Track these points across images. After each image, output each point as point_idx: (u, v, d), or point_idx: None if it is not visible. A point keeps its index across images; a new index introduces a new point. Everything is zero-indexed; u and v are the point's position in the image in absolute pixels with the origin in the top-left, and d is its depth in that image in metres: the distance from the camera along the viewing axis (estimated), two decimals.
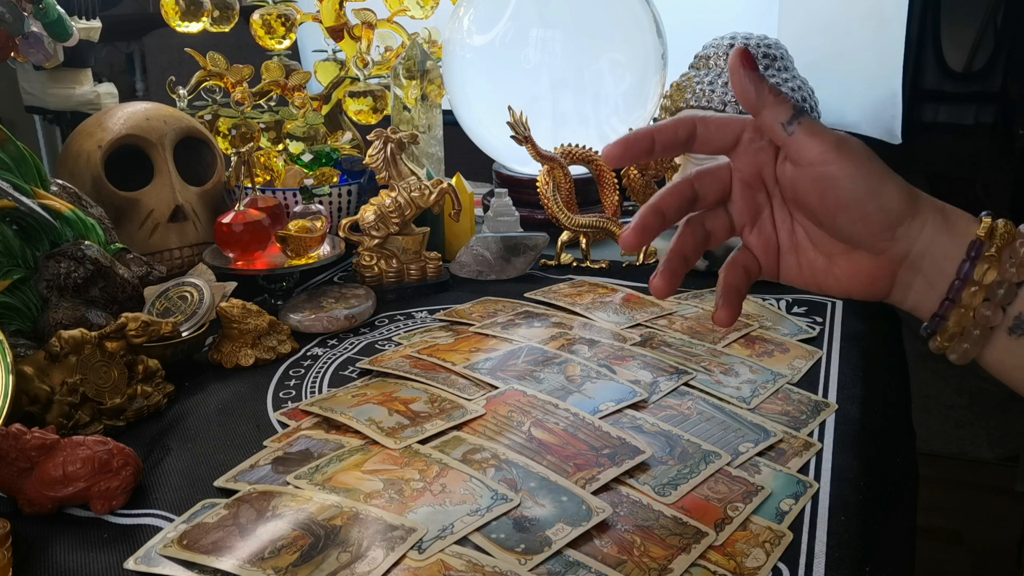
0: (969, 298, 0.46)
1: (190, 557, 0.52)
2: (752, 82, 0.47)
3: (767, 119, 0.48)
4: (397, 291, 0.97)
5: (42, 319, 0.76)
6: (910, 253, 0.47)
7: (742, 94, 0.48)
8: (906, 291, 0.49)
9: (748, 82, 0.47)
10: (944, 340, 0.48)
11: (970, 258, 0.46)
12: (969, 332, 0.46)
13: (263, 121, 1.18)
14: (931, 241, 0.47)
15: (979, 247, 0.46)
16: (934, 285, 0.47)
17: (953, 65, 1.41)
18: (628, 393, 0.71)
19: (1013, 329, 0.46)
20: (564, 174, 1.05)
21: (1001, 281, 0.45)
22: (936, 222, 0.47)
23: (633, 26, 1.14)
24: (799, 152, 0.47)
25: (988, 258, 0.45)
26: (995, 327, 0.46)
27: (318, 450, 0.64)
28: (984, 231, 0.46)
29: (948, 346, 0.47)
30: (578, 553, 0.52)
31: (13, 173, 0.78)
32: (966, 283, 0.46)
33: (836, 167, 0.46)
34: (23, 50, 0.97)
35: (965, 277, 0.46)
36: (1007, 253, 0.45)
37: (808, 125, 0.47)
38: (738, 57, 0.47)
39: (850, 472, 0.62)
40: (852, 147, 0.46)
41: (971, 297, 0.46)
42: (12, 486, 0.58)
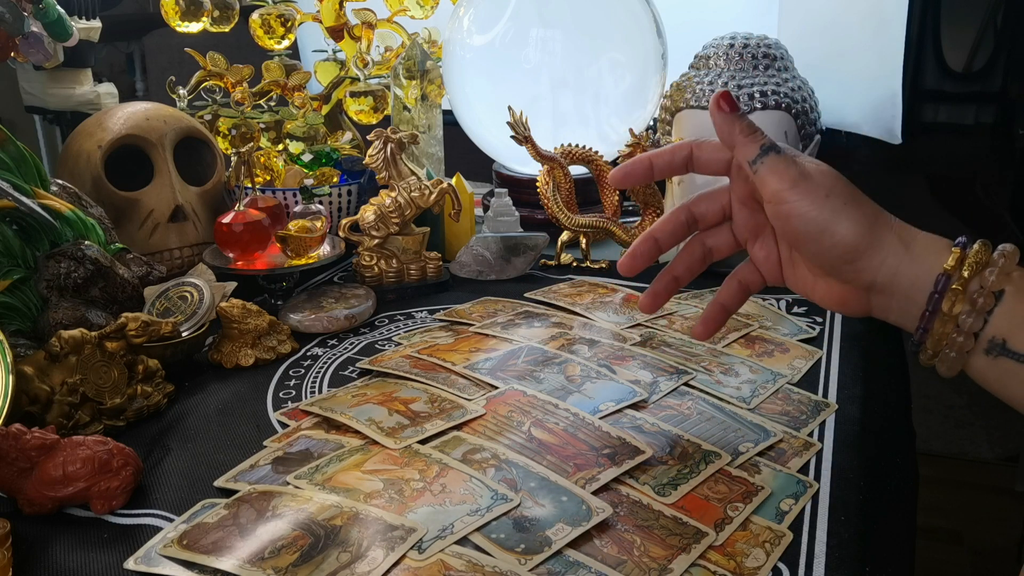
0: (941, 326, 0.48)
1: (190, 557, 0.52)
2: (724, 122, 0.51)
3: (738, 157, 0.51)
4: (397, 291, 0.97)
5: (42, 319, 0.76)
6: (875, 282, 0.49)
7: (719, 134, 0.52)
8: (886, 312, 0.51)
9: (721, 122, 0.51)
10: (927, 359, 0.50)
11: (937, 290, 0.47)
12: (946, 355, 0.48)
13: (263, 121, 1.18)
14: (895, 272, 0.49)
15: (945, 280, 0.47)
16: (908, 310, 0.49)
17: (953, 65, 1.41)
18: (628, 393, 0.71)
19: (989, 351, 0.47)
20: (564, 174, 1.05)
21: (969, 310, 0.46)
22: (897, 254, 0.48)
23: (633, 26, 1.14)
24: (762, 189, 0.51)
25: (954, 291, 0.47)
26: (970, 351, 0.47)
27: (318, 450, 0.64)
28: (952, 263, 0.47)
29: (933, 363, 0.50)
30: (578, 553, 0.52)
31: (13, 173, 0.78)
32: (935, 314, 0.48)
33: (789, 206, 0.49)
34: (23, 50, 0.97)
35: (934, 309, 0.48)
36: (976, 283, 0.47)
37: (770, 163, 0.50)
38: (716, 100, 0.52)
39: (850, 472, 0.62)
40: (810, 184, 0.49)
41: (942, 325, 0.47)
42: (12, 486, 0.58)
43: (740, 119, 0.51)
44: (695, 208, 0.55)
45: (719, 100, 0.52)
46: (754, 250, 0.56)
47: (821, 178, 0.49)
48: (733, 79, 1.04)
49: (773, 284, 0.57)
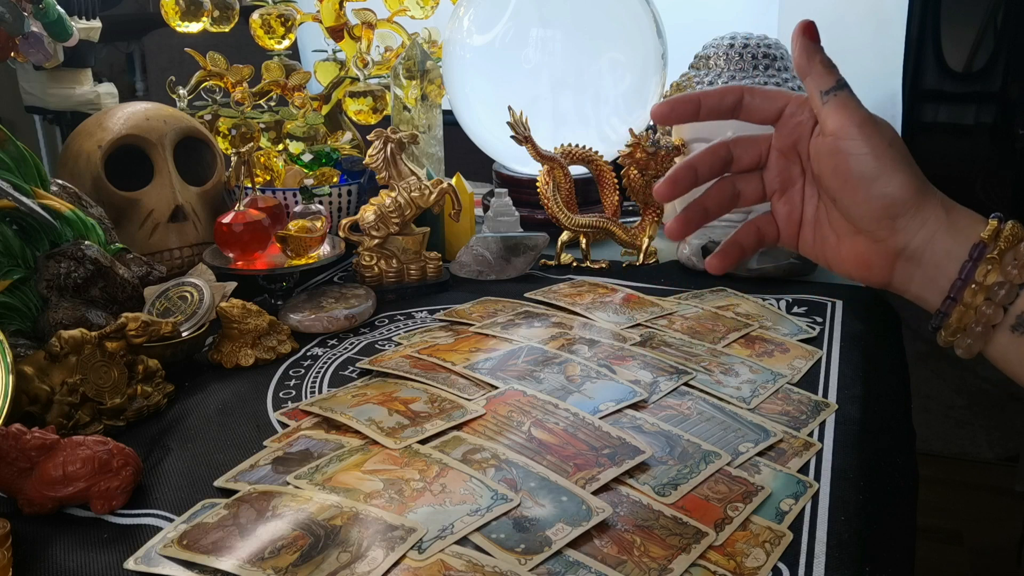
0: (971, 297, 0.47)
1: (190, 557, 0.52)
2: (805, 50, 0.50)
3: (810, 86, 0.50)
4: (397, 291, 0.97)
5: (42, 319, 0.76)
6: (908, 246, 0.49)
7: (796, 59, 0.51)
8: (907, 283, 0.50)
9: (802, 50, 0.50)
10: (949, 335, 0.49)
11: (972, 259, 0.47)
12: (972, 329, 0.48)
13: (263, 121, 1.18)
14: (930, 239, 0.48)
15: (982, 249, 0.47)
16: (935, 281, 0.49)
17: (953, 65, 1.41)
18: (628, 393, 0.71)
19: (1016, 327, 0.47)
20: (564, 174, 1.05)
21: (1003, 282, 0.46)
22: (938, 220, 0.48)
23: (633, 26, 1.14)
24: (825, 121, 0.49)
25: (990, 260, 0.46)
26: (997, 325, 0.47)
27: (318, 450, 0.64)
28: (989, 233, 0.47)
29: (953, 340, 0.49)
30: (578, 553, 0.52)
31: (13, 173, 0.78)
32: (967, 283, 0.47)
33: (851, 143, 0.48)
34: (23, 50, 0.97)
35: (967, 277, 0.47)
36: (1010, 255, 0.46)
37: (843, 98, 0.49)
38: (801, 27, 0.50)
39: (850, 472, 0.62)
40: (876, 129, 0.48)
41: (972, 296, 0.47)
42: (12, 486, 0.58)
43: (821, 50, 0.50)
44: (734, 147, 0.54)
45: (805, 28, 0.50)
46: (778, 204, 0.56)
47: (886, 128, 0.49)
48: (733, 79, 1.04)
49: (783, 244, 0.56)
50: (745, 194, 0.56)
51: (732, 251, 0.55)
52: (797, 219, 0.55)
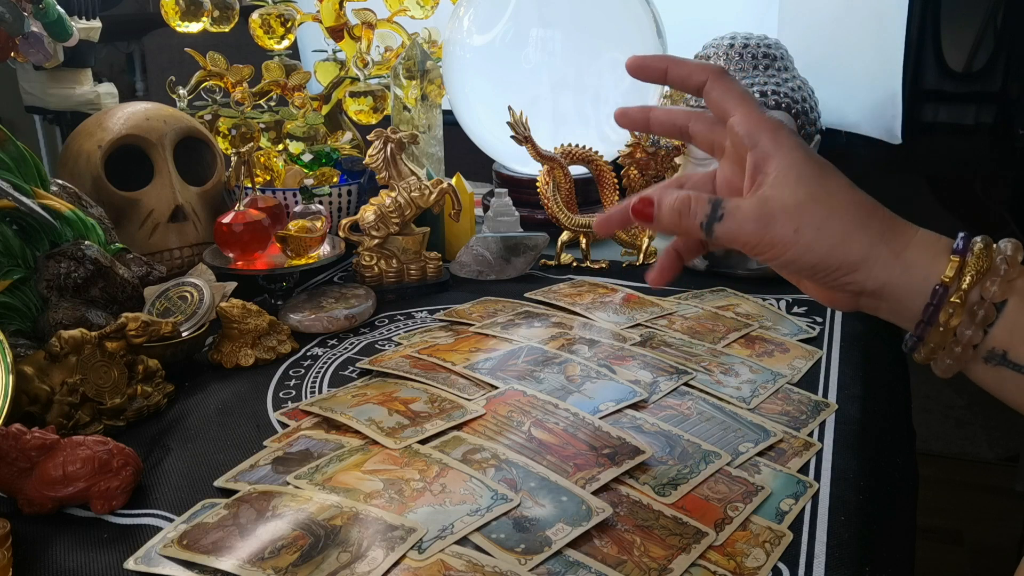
0: (936, 337, 0.44)
1: (190, 557, 0.52)
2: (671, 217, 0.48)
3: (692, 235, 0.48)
4: (397, 291, 0.97)
5: (42, 319, 0.76)
6: (864, 291, 0.46)
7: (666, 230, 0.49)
8: (875, 311, 0.48)
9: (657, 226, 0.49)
10: (921, 360, 0.47)
11: (934, 302, 0.44)
12: (942, 360, 0.45)
13: (263, 121, 1.18)
14: (884, 282, 0.45)
15: (943, 292, 0.43)
16: (901, 313, 0.46)
17: (953, 65, 1.41)
18: (628, 393, 0.71)
19: (988, 359, 0.44)
20: (564, 174, 1.05)
21: (968, 323, 0.43)
22: (886, 264, 0.45)
23: (633, 26, 1.14)
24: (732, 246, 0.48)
25: (952, 304, 0.43)
26: (968, 360, 0.45)
27: (318, 450, 0.64)
28: (951, 273, 0.43)
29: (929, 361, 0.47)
30: (578, 553, 0.52)
31: (13, 173, 0.78)
32: (932, 325, 0.44)
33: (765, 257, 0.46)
34: (23, 50, 0.97)
35: (930, 320, 0.44)
36: (976, 293, 0.43)
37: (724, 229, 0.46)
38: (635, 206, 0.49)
39: (850, 472, 0.62)
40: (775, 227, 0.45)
41: (938, 336, 0.44)
42: (12, 486, 0.58)
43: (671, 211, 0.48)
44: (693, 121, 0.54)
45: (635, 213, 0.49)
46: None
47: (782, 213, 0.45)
48: None
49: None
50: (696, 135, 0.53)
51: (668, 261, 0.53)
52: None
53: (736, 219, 0.46)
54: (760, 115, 0.48)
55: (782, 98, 1.03)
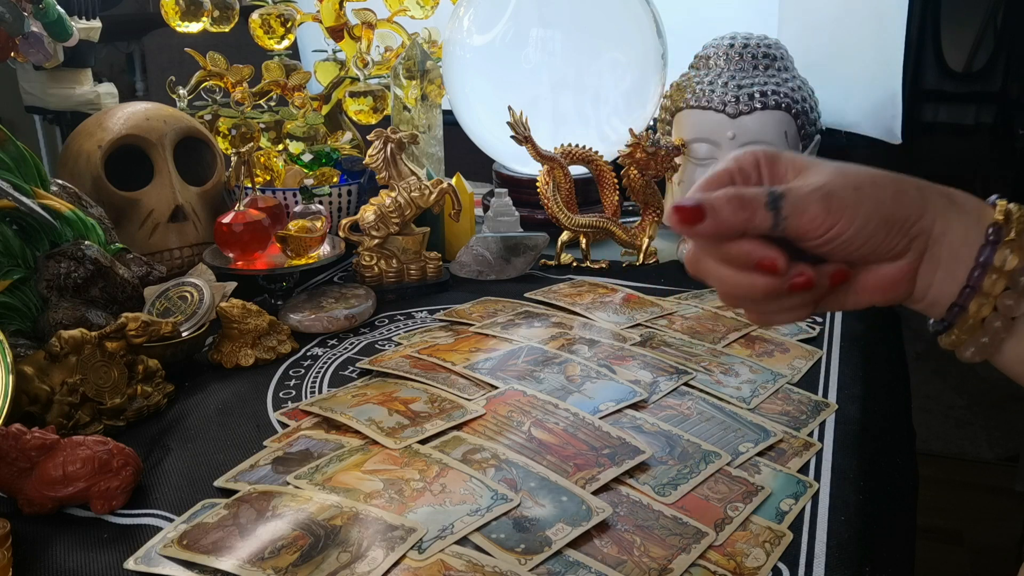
0: (990, 286, 0.43)
1: (190, 557, 0.52)
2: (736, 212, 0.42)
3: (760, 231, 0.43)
4: (397, 291, 0.97)
5: (42, 319, 0.76)
6: (927, 245, 0.44)
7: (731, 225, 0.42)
8: (926, 289, 0.45)
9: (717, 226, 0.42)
10: (962, 333, 0.45)
11: (989, 243, 0.42)
12: (989, 324, 0.44)
13: (263, 121, 1.18)
14: (944, 229, 0.43)
15: (998, 231, 0.42)
16: (954, 274, 0.44)
17: (953, 65, 1.41)
18: (628, 393, 0.71)
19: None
20: (564, 174, 1.05)
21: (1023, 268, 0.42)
22: (944, 208, 0.43)
23: (633, 26, 1.14)
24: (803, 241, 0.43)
25: (1009, 243, 0.42)
26: (1016, 318, 0.43)
27: (318, 450, 0.64)
28: (1001, 214, 0.43)
29: (965, 340, 0.45)
30: (578, 553, 0.52)
31: (13, 173, 0.78)
32: (987, 270, 0.43)
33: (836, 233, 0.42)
34: (23, 50, 0.97)
35: (985, 263, 0.43)
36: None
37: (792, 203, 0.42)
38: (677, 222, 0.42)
39: (850, 472, 0.62)
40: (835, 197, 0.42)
41: (992, 285, 0.43)
42: (12, 486, 0.58)
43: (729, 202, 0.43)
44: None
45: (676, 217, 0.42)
46: None
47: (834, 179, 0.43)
48: (733, 79, 1.04)
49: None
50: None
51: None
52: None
53: (799, 195, 0.42)
54: None
55: (782, 98, 1.03)
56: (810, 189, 0.43)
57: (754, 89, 1.03)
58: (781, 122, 1.03)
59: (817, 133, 1.09)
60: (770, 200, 0.42)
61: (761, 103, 1.02)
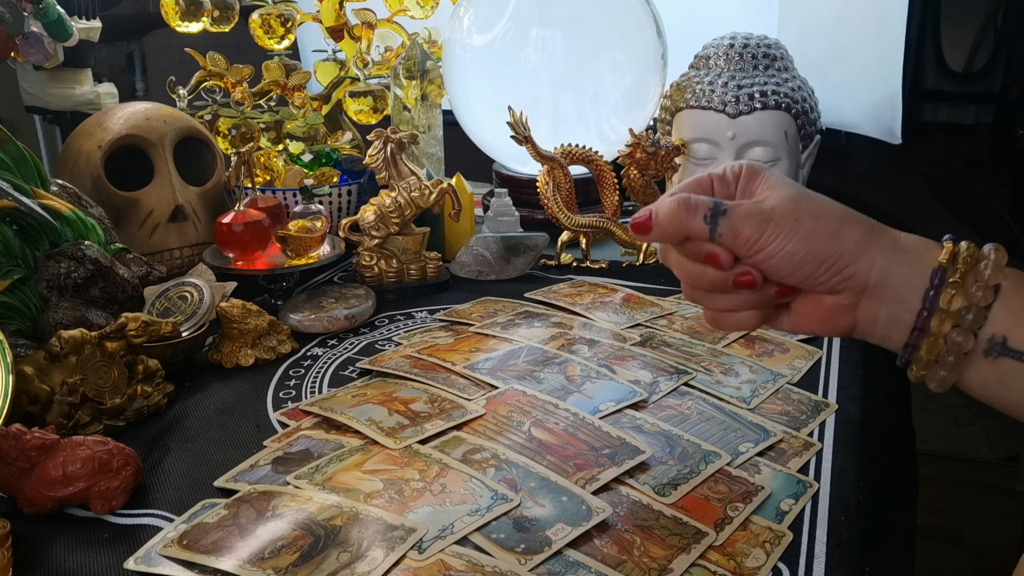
0: (938, 326, 0.45)
1: (190, 557, 0.52)
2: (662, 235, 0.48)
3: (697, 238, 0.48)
4: (397, 291, 0.97)
5: (42, 319, 0.76)
6: (868, 285, 0.47)
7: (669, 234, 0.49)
8: (872, 325, 0.48)
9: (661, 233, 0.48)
10: (920, 369, 0.47)
11: (934, 286, 0.45)
12: (944, 359, 0.45)
13: (263, 121, 1.18)
14: (887, 272, 0.46)
15: (942, 274, 0.45)
16: (900, 317, 0.47)
17: (953, 65, 1.41)
18: (628, 393, 0.71)
19: (988, 352, 0.45)
20: (564, 174, 1.05)
21: (969, 306, 0.44)
22: (886, 252, 0.46)
23: (633, 26, 1.14)
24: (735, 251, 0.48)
25: (953, 284, 0.44)
26: (969, 352, 0.45)
27: (318, 450, 0.64)
28: (946, 257, 0.45)
29: (925, 374, 0.47)
30: (578, 553, 0.52)
31: (13, 173, 0.78)
32: (933, 311, 0.45)
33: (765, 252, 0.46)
34: (23, 50, 0.97)
35: (931, 306, 0.45)
36: (971, 277, 0.44)
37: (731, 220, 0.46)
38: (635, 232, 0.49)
39: (850, 472, 0.62)
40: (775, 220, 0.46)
41: (940, 325, 0.45)
42: (12, 486, 0.58)
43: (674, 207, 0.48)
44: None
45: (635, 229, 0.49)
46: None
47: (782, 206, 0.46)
48: (733, 79, 1.04)
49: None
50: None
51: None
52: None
53: (739, 214, 0.47)
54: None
55: (782, 98, 1.03)
56: (752, 211, 0.47)
57: (754, 89, 1.03)
58: (781, 122, 1.03)
59: (817, 133, 1.09)
60: (711, 212, 0.47)
61: (761, 103, 1.02)
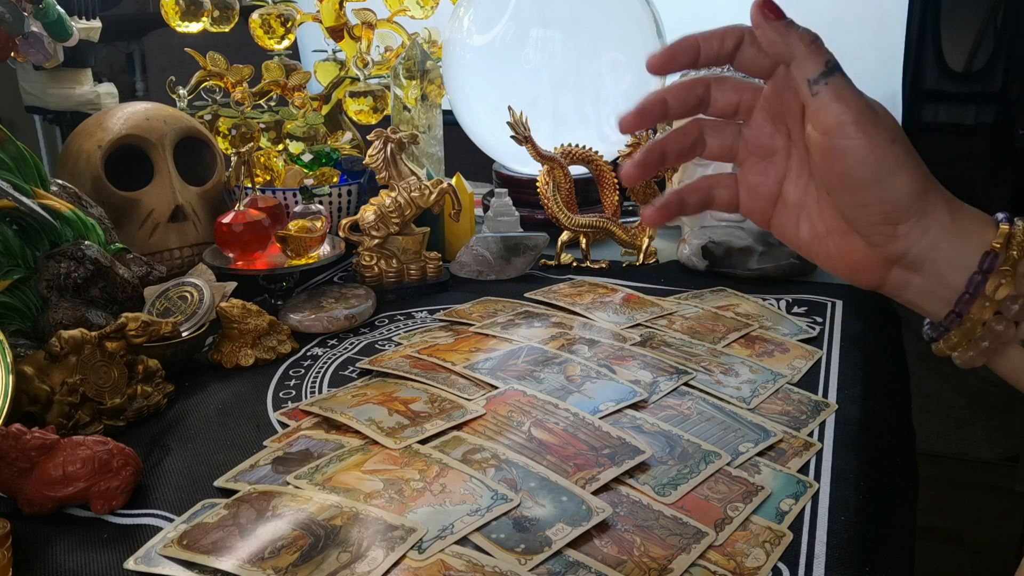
0: (979, 312, 0.42)
1: (190, 557, 0.52)
2: (778, 33, 0.43)
3: (794, 74, 0.43)
4: (397, 291, 0.97)
5: (42, 319, 0.76)
6: (907, 254, 0.43)
7: (770, 47, 0.43)
8: (902, 289, 0.45)
9: (774, 34, 0.43)
10: (948, 347, 0.44)
11: (982, 271, 0.41)
12: (977, 344, 0.43)
13: (263, 121, 1.18)
14: (934, 246, 0.42)
15: (993, 259, 0.41)
16: (935, 291, 0.43)
17: (953, 65, 1.41)
18: (628, 393, 0.71)
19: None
20: (564, 174, 1.05)
21: (1016, 296, 0.41)
22: (943, 226, 0.42)
23: (633, 26, 1.14)
24: (817, 116, 0.42)
25: (1002, 272, 0.41)
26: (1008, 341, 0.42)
27: (318, 450, 0.64)
28: (1000, 241, 0.41)
29: (953, 353, 0.44)
30: (578, 553, 0.52)
31: (13, 173, 0.78)
32: (976, 297, 0.42)
33: (848, 142, 0.42)
34: (23, 50, 0.97)
35: (975, 291, 0.42)
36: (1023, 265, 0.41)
37: (835, 87, 0.42)
38: (759, 9, 0.43)
39: (850, 472, 0.62)
40: (875, 122, 0.41)
41: (981, 311, 0.42)
42: (12, 486, 0.58)
43: (795, 25, 0.42)
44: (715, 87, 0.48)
45: (763, 9, 0.43)
46: (749, 172, 0.48)
47: (887, 120, 0.42)
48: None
49: (746, 216, 0.49)
50: (712, 146, 0.48)
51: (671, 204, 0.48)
52: (772, 195, 0.48)
53: (851, 85, 0.42)
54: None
55: None
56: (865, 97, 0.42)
57: None
58: None
59: None
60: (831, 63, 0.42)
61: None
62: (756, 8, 0.43)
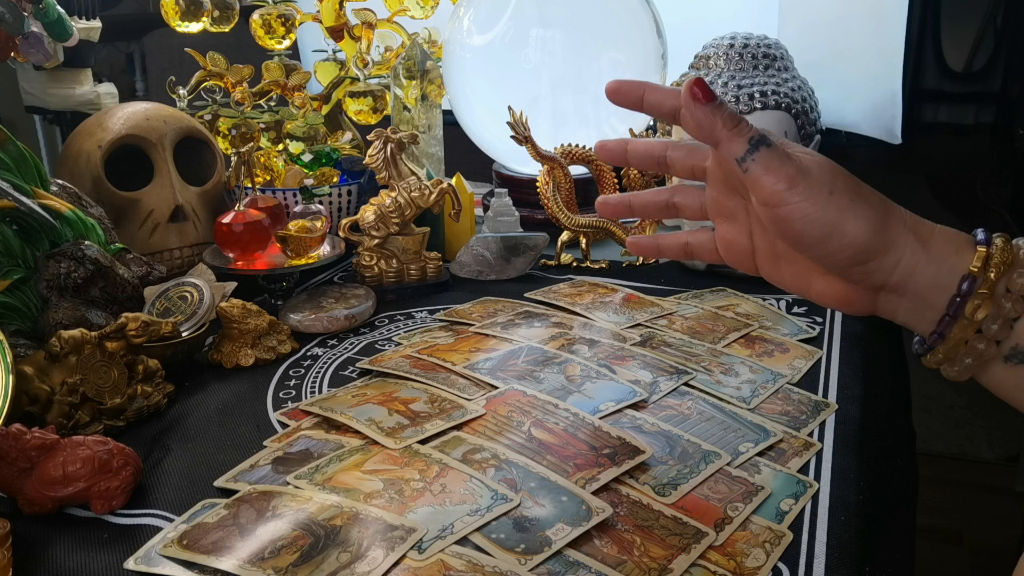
0: (961, 332, 0.43)
1: (190, 557, 0.52)
2: (704, 115, 0.44)
3: (723, 155, 0.44)
4: (397, 291, 0.97)
5: (42, 319, 0.76)
6: (887, 283, 0.45)
7: (696, 129, 0.44)
8: (893, 312, 0.47)
9: (701, 116, 0.44)
10: (936, 362, 0.46)
11: (961, 294, 0.43)
12: (961, 360, 0.44)
13: (263, 121, 1.18)
14: (910, 272, 0.44)
15: (971, 282, 0.43)
16: (922, 312, 0.45)
17: (953, 65, 1.41)
18: (628, 393, 0.71)
19: (1009, 358, 0.43)
20: (564, 174, 1.05)
21: (995, 316, 0.42)
22: (915, 253, 0.44)
23: (633, 26, 1.14)
24: (754, 190, 0.44)
25: (980, 294, 0.42)
26: (990, 358, 0.44)
27: (318, 450, 0.64)
28: (978, 264, 0.42)
29: (941, 367, 0.46)
30: (578, 553, 0.52)
31: (13, 173, 0.78)
32: (956, 319, 0.43)
33: (788, 208, 0.43)
34: (23, 50, 0.97)
35: (955, 313, 0.43)
36: (1002, 286, 0.42)
37: (763, 161, 0.43)
38: (689, 89, 0.44)
39: (850, 472, 0.62)
40: (809, 183, 0.43)
41: (963, 331, 0.43)
42: (12, 486, 0.58)
43: (721, 108, 0.43)
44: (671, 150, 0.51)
45: (693, 88, 0.43)
46: (720, 230, 0.50)
47: (821, 173, 0.43)
48: (733, 79, 1.04)
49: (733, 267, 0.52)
50: (683, 207, 0.51)
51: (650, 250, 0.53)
52: (746, 249, 0.50)
53: (781, 153, 0.43)
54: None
55: (782, 98, 1.03)
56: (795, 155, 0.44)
57: (754, 89, 1.03)
58: (781, 122, 1.03)
59: (817, 133, 1.09)
60: (757, 138, 0.43)
61: (761, 103, 1.02)
62: (686, 88, 0.44)
